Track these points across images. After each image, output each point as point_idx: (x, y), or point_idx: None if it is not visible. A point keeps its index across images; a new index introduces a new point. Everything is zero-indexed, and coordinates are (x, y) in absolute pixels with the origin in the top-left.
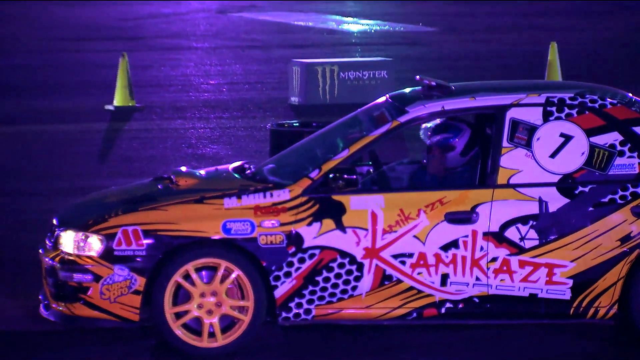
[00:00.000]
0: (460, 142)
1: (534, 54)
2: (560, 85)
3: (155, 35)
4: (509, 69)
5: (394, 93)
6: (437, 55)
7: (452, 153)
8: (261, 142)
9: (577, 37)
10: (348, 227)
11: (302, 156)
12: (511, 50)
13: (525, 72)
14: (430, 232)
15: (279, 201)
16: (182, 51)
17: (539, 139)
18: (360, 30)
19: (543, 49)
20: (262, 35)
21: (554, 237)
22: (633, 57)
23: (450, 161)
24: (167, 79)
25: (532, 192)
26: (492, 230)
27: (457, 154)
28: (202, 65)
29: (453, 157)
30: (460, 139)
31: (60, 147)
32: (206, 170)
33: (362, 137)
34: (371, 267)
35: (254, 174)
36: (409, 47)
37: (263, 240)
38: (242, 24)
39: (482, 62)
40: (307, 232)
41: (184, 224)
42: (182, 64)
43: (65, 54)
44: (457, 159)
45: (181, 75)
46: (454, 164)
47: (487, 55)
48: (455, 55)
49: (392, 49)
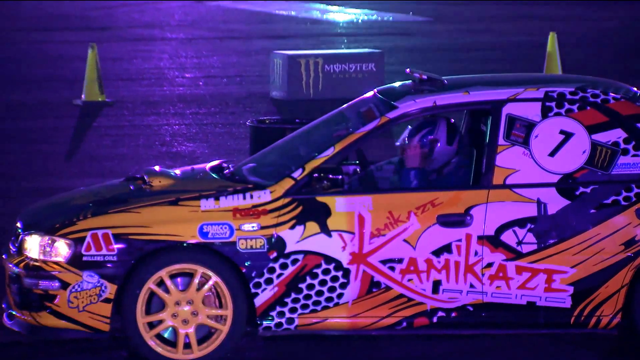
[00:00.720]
0: (440, 133)
1: (532, 45)
2: (560, 79)
3: (126, 25)
4: (505, 61)
5: (382, 87)
6: (429, 47)
7: (439, 146)
8: (240, 139)
9: (578, 27)
10: (333, 231)
11: (284, 155)
12: (508, 41)
13: (522, 65)
14: (421, 236)
15: (260, 203)
16: (155, 42)
17: (538, 136)
18: (347, 19)
19: (542, 40)
20: (241, 25)
21: (553, 241)
22: (638, 49)
23: (440, 155)
24: (140, 72)
25: (530, 193)
26: (488, 234)
27: (443, 144)
28: (177, 57)
29: (441, 149)
30: (439, 131)
31: (25, 145)
32: (181, 170)
33: (349, 134)
34: (358, 273)
35: (233, 173)
36: (398, 38)
37: (242, 245)
38: (220, 13)
39: (476, 53)
40: (290, 235)
41: (158, 228)
42: (155, 55)
43: (30, 46)
44: (447, 149)
45: (154, 68)
46: (446, 158)
47: (482, 47)
48: (448, 47)
49: (380, 40)
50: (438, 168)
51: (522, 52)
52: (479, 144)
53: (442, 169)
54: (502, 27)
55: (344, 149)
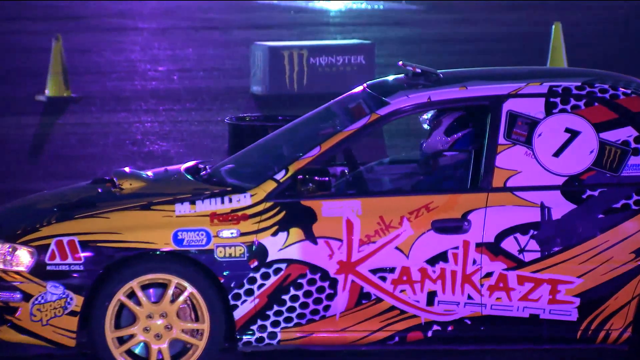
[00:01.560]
0: (447, 118)
1: (535, 36)
2: (565, 73)
3: (94, 15)
4: (506, 53)
5: (372, 82)
6: (423, 38)
7: (437, 130)
8: (218, 138)
9: (585, 16)
10: (319, 238)
11: (266, 155)
12: (508, 31)
13: (524, 57)
14: (415, 243)
15: (239, 207)
16: (126, 33)
17: (541, 134)
18: (334, 8)
19: (545, 31)
20: (219, 14)
21: (558, 248)
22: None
23: (433, 144)
24: (109, 65)
25: (532, 197)
26: (487, 241)
27: (440, 132)
28: (149, 49)
29: (437, 137)
30: (447, 115)
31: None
32: (154, 172)
33: (336, 132)
34: (346, 283)
35: (210, 175)
36: (390, 28)
37: (221, 253)
38: (196, 1)
39: (474, 45)
40: (272, 243)
41: (129, 234)
42: (126, 47)
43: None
44: (440, 138)
45: (125, 60)
46: (438, 147)
47: (480, 38)
48: (443, 38)
49: (370, 30)
50: (428, 157)
51: (524, 44)
52: (478, 142)
53: (435, 161)
54: (502, 17)
55: (331, 148)
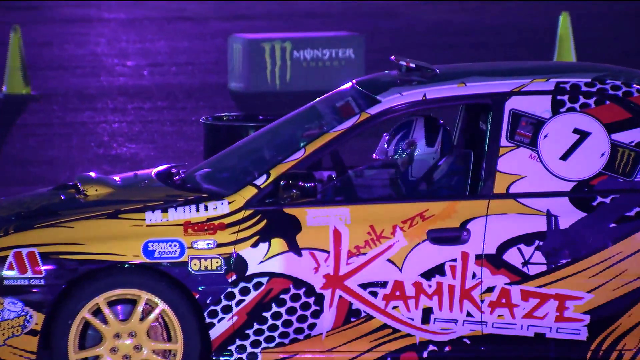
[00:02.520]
0: (417, 133)
1: (540, 28)
2: (573, 68)
3: (56, 4)
4: (508, 46)
5: (362, 78)
6: (417, 29)
7: (418, 149)
8: (193, 140)
9: (594, 6)
10: (304, 249)
11: (245, 158)
12: (511, 23)
13: (529, 51)
14: (409, 254)
15: (216, 216)
16: (90, 24)
17: (547, 136)
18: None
19: (552, 22)
20: (193, 3)
21: (566, 261)
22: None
23: (422, 160)
24: (72, 59)
25: (538, 204)
26: (488, 253)
27: (423, 147)
28: (116, 41)
29: (422, 153)
30: (415, 131)
31: None
32: (122, 177)
33: (322, 133)
34: (333, 299)
35: (184, 181)
36: (381, 19)
37: (195, 266)
38: None
39: (474, 38)
40: (252, 255)
41: (94, 245)
42: (91, 40)
43: None
44: (427, 152)
45: (90, 54)
46: (430, 161)
47: (480, 30)
48: (440, 30)
49: (360, 22)
50: (424, 175)
51: (529, 36)
52: (477, 145)
53: (430, 175)
54: (504, 7)
55: (317, 151)
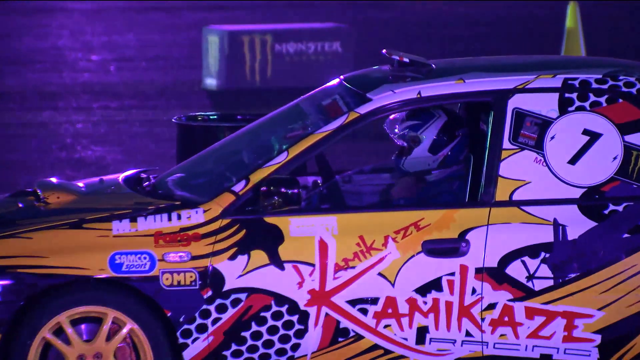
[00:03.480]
0: (429, 132)
1: (547, 20)
2: (583, 63)
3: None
4: (511, 39)
5: (351, 74)
6: (411, 20)
7: (418, 149)
8: (165, 142)
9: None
10: (287, 262)
11: (222, 162)
12: (514, 13)
13: (534, 44)
14: (402, 268)
15: (190, 225)
16: (52, 14)
17: (554, 137)
18: None
19: (559, 12)
20: None
21: (574, 275)
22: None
23: (415, 162)
24: (31, 53)
25: (544, 212)
26: (489, 266)
27: (424, 150)
28: (80, 34)
29: (419, 155)
30: (429, 129)
31: None
32: (87, 182)
33: (307, 135)
34: (319, 317)
35: (155, 187)
36: (371, 9)
37: (167, 280)
38: None
39: (474, 30)
40: (230, 268)
41: (55, 258)
42: (52, 32)
43: None
44: (425, 157)
45: (52, 48)
46: (423, 166)
47: (480, 21)
48: (436, 21)
49: (348, 13)
50: (413, 174)
51: (534, 28)
52: (477, 147)
53: (419, 178)
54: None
55: (301, 154)
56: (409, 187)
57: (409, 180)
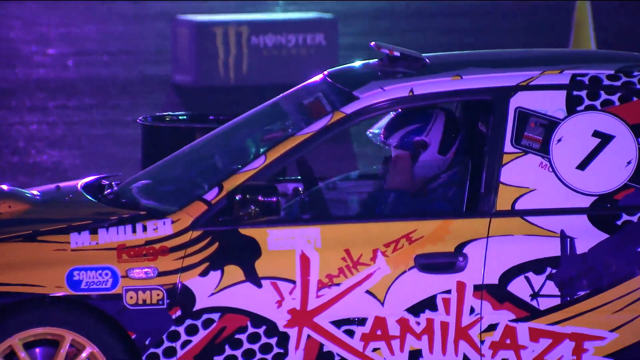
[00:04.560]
0: (434, 133)
1: (554, 10)
2: (593, 57)
3: None
4: (515, 31)
5: (335, 69)
6: (402, 10)
7: (426, 153)
8: (129, 145)
9: None
10: (264, 278)
11: (192, 167)
12: (519, 3)
13: (540, 37)
14: (393, 285)
15: (157, 238)
16: (3, 3)
17: (561, 140)
18: None
19: (568, 3)
20: None
21: (584, 292)
22: None
23: (426, 167)
24: None
25: (550, 223)
26: (489, 283)
27: (433, 153)
28: (35, 24)
29: (429, 159)
30: (432, 130)
31: None
32: (42, 190)
33: (287, 137)
34: (300, 340)
35: (118, 195)
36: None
37: (132, 299)
38: None
39: (472, 21)
40: (201, 285)
41: (7, 274)
42: (3, 23)
43: None
44: (436, 160)
45: (2, 40)
46: (434, 170)
47: (480, 11)
48: (431, 11)
49: (332, 2)
50: (421, 186)
51: (540, 20)
52: (475, 151)
53: (425, 187)
54: None
55: (280, 158)
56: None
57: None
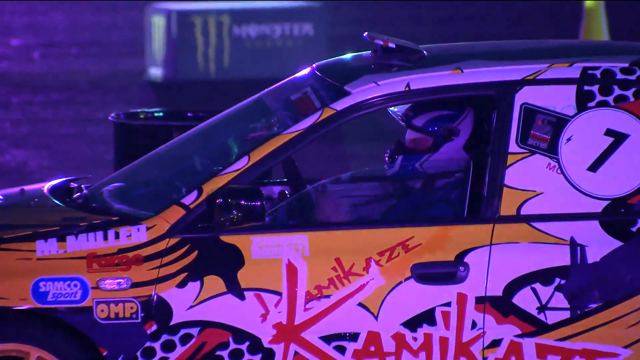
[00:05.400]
0: (465, 125)
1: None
2: (606, 49)
3: None
4: (520, 20)
5: (325, 62)
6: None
7: (451, 144)
8: (100, 144)
9: None
10: (248, 290)
11: (169, 169)
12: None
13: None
14: (388, 297)
15: (131, 245)
16: None
17: (571, 139)
18: None
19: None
20: None
21: (596, 305)
22: None
23: (446, 160)
24: None
25: (558, 230)
26: (492, 294)
27: (458, 147)
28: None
29: (452, 151)
30: (464, 122)
31: None
32: (5, 193)
33: (272, 136)
34: (287, 356)
35: (88, 199)
36: None
37: (103, 312)
38: None
39: (475, 9)
40: (179, 297)
41: None
42: None
43: None
44: (459, 155)
45: None
46: (452, 165)
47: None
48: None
49: None
50: (431, 176)
51: (548, 7)
52: (477, 151)
53: (433, 180)
54: None
55: (265, 159)
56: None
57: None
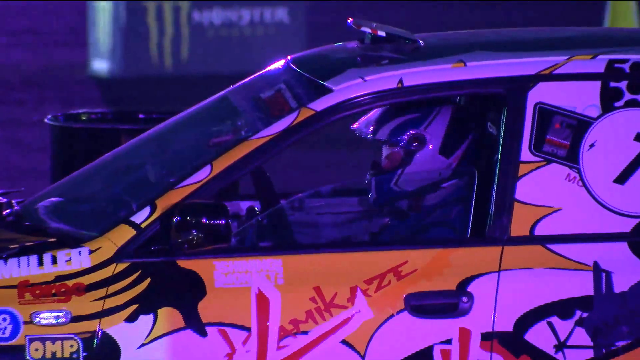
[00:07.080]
0: (435, 128)
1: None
2: (636, 38)
3: None
4: (534, 5)
5: (302, 54)
6: None
7: (423, 152)
8: (34, 151)
9: None
10: (210, 325)
11: (116, 181)
12: None
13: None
14: (377, 333)
15: (71, 272)
16: None
17: (595, 145)
18: None
19: None
20: None
21: (624, 342)
22: None
23: (423, 171)
24: None
25: (580, 253)
26: (501, 330)
27: (433, 153)
28: None
29: (427, 160)
30: (433, 124)
31: None
32: None
33: (239, 141)
34: None
35: (20, 216)
36: None
37: (37, 352)
38: None
39: None
40: (128, 334)
41: None
42: None
43: None
44: (437, 162)
45: None
46: (434, 176)
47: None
48: None
49: None
50: (411, 193)
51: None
52: (483, 160)
53: (420, 198)
54: None
55: (231, 168)
56: None
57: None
